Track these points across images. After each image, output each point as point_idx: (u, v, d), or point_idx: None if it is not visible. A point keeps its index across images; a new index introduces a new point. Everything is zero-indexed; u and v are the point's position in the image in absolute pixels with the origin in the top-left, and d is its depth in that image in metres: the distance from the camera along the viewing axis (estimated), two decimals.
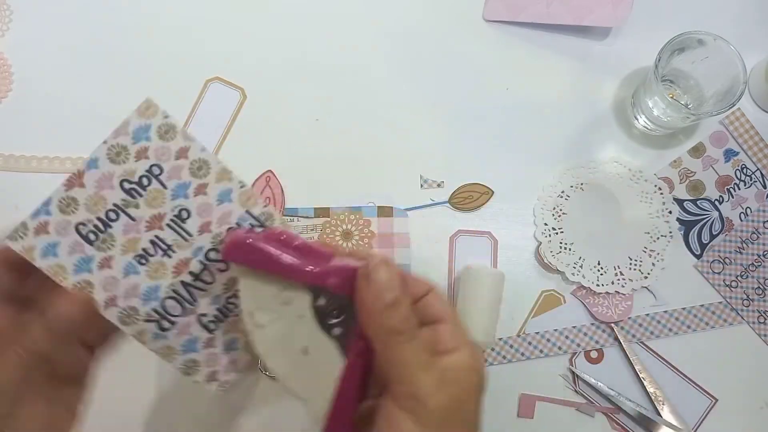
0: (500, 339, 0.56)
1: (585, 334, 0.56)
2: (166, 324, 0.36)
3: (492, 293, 0.53)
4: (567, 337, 0.56)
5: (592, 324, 0.56)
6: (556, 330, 0.56)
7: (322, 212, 0.56)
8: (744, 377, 0.56)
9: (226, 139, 0.58)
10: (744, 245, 0.58)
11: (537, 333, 0.56)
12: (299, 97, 0.59)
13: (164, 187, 0.35)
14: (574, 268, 0.56)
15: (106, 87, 0.59)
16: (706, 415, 0.55)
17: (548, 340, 0.56)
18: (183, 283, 0.36)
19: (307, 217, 0.56)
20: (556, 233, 0.57)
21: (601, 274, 0.56)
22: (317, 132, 0.59)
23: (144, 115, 0.35)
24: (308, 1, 0.61)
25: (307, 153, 0.58)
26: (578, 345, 0.56)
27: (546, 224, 0.57)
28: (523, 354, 0.56)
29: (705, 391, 0.56)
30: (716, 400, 0.55)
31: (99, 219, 0.34)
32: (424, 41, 0.61)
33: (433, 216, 0.58)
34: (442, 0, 0.62)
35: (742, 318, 0.57)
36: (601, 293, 0.56)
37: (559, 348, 0.56)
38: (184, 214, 0.35)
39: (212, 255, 0.36)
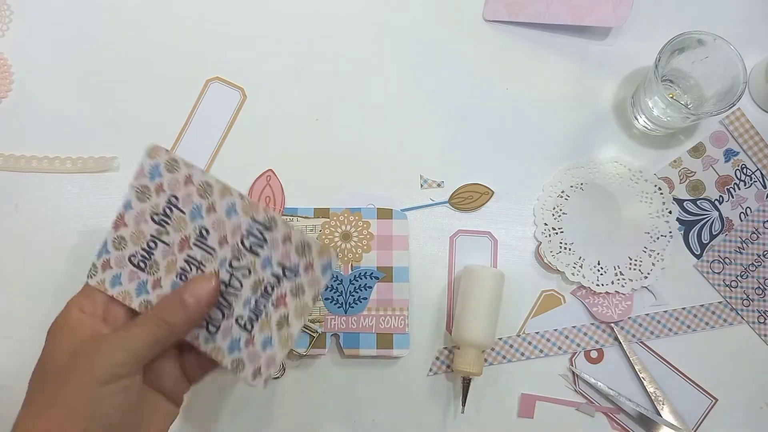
0: (500, 339, 0.56)
1: (585, 334, 0.56)
2: (212, 329, 0.41)
3: (492, 293, 0.53)
4: (567, 337, 0.56)
5: (592, 324, 0.56)
6: (556, 330, 0.56)
7: (321, 213, 0.56)
8: (744, 377, 0.56)
9: (226, 139, 0.58)
10: (744, 245, 0.58)
11: (537, 333, 0.56)
12: (299, 97, 0.59)
13: (182, 212, 0.41)
14: (574, 268, 0.56)
15: (106, 87, 0.59)
16: (706, 415, 0.55)
17: (548, 340, 0.56)
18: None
19: (306, 218, 0.56)
20: (556, 233, 0.57)
21: (601, 274, 0.56)
22: (317, 132, 0.59)
23: (152, 156, 0.41)
24: (308, 1, 0.61)
25: (307, 153, 0.58)
26: (578, 345, 0.56)
27: (546, 224, 0.57)
28: (523, 354, 0.56)
29: (705, 391, 0.56)
30: (716, 400, 0.55)
31: (143, 249, 0.41)
32: (423, 41, 0.61)
33: (433, 216, 0.58)
34: (441, 0, 0.62)
35: (742, 318, 0.57)
36: (601, 293, 0.56)
37: (559, 348, 0.56)
38: (204, 232, 0.41)
39: (234, 263, 0.41)
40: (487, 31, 0.61)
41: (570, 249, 0.57)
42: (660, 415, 0.54)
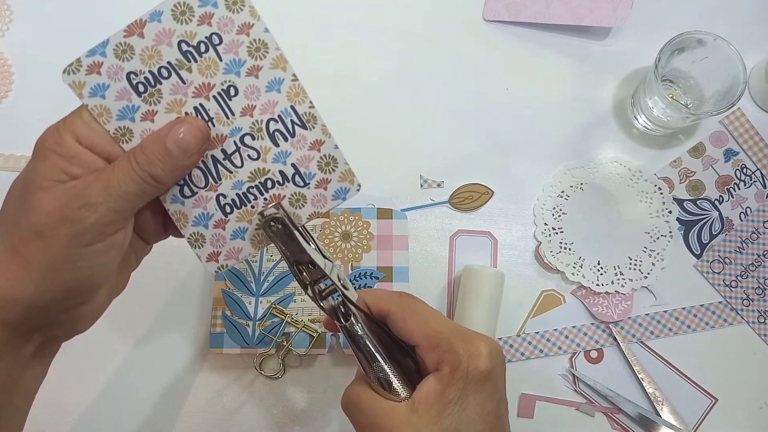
0: (500, 339, 0.56)
1: (585, 334, 0.56)
2: (186, 191, 0.36)
3: (492, 293, 0.53)
4: (567, 337, 0.56)
5: (592, 324, 0.56)
6: (555, 330, 0.56)
7: None
8: (744, 377, 0.56)
9: None
10: (744, 245, 0.58)
11: (537, 333, 0.56)
12: None
13: (219, 58, 0.34)
14: (574, 267, 0.56)
15: None
16: (706, 415, 0.55)
17: (548, 340, 0.56)
18: (213, 157, 0.36)
19: None
20: (556, 233, 0.57)
21: (601, 274, 0.56)
22: None
23: None
24: (308, 1, 0.61)
25: None
26: (578, 345, 0.56)
27: (546, 224, 0.57)
28: (523, 354, 0.56)
29: (705, 391, 0.56)
30: (716, 400, 0.55)
31: (150, 72, 0.34)
32: (423, 41, 0.61)
33: (433, 216, 0.58)
34: (442, 0, 0.62)
35: (742, 318, 0.57)
36: (600, 293, 0.56)
37: (559, 348, 0.56)
38: (232, 91, 0.35)
39: (247, 140, 0.36)
40: (487, 31, 0.61)
41: (570, 249, 0.57)
42: (659, 416, 0.54)
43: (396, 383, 0.35)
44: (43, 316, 0.32)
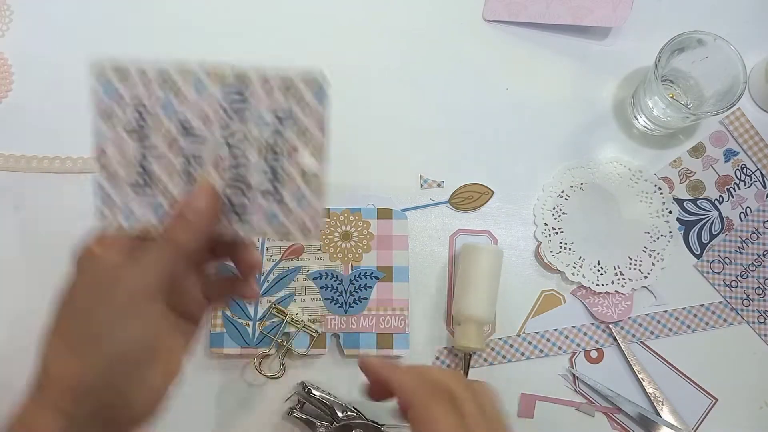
0: (500, 339, 0.56)
1: (585, 334, 0.56)
2: (240, 211, 0.38)
3: (491, 269, 0.53)
4: (567, 337, 0.56)
5: (592, 324, 0.56)
6: (555, 330, 0.56)
7: None
8: (744, 377, 0.56)
9: None
10: (744, 245, 0.58)
11: (537, 333, 0.56)
12: None
13: (153, 113, 0.38)
14: (574, 267, 0.56)
15: None
16: (706, 415, 0.55)
17: (548, 340, 0.56)
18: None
19: None
20: (556, 233, 0.57)
21: (601, 274, 0.56)
22: None
23: (99, 74, 0.39)
24: (308, 1, 0.61)
25: None
26: (578, 345, 0.56)
27: (546, 224, 0.57)
28: (523, 354, 0.56)
29: (705, 391, 0.56)
30: (716, 400, 0.55)
31: (137, 171, 0.38)
32: (423, 41, 0.61)
33: (433, 216, 0.58)
34: (441, 0, 0.62)
35: (742, 318, 0.57)
36: (601, 293, 0.56)
37: (559, 348, 0.56)
38: (185, 122, 0.38)
39: (229, 140, 0.38)
40: (487, 31, 0.61)
41: (570, 249, 0.57)
42: (659, 416, 0.54)
43: None
44: (94, 396, 0.33)
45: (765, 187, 0.59)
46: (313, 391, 0.51)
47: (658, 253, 0.57)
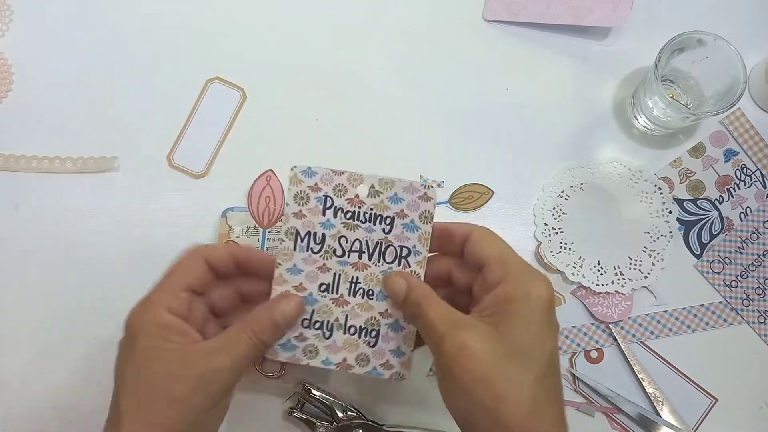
0: None
1: (585, 334, 0.56)
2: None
3: None
4: (567, 337, 0.56)
5: (592, 324, 0.56)
6: None
7: None
8: (744, 377, 0.56)
9: (227, 139, 0.58)
10: (744, 245, 0.58)
11: None
12: (299, 97, 0.59)
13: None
14: (574, 267, 0.56)
15: (106, 87, 0.59)
16: (706, 415, 0.55)
17: None
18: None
19: None
20: (556, 233, 0.57)
21: (601, 274, 0.56)
22: (317, 132, 0.59)
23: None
24: (309, 1, 0.61)
25: (307, 153, 0.58)
26: (578, 345, 0.56)
27: (546, 224, 0.57)
28: None
29: (705, 391, 0.56)
30: (716, 400, 0.56)
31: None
32: (423, 41, 0.61)
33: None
34: (441, 0, 0.62)
35: (742, 318, 0.57)
36: (601, 293, 0.56)
37: (559, 348, 0.56)
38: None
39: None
40: (487, 31, 0.61)
41: (570, 249, 0.57)
42: (659, 416, 0.54)
43: None
44: None
45: (765, 187, 0.59)
46: (313, 391, 0.51)
47: (658, 253, 0.57)
